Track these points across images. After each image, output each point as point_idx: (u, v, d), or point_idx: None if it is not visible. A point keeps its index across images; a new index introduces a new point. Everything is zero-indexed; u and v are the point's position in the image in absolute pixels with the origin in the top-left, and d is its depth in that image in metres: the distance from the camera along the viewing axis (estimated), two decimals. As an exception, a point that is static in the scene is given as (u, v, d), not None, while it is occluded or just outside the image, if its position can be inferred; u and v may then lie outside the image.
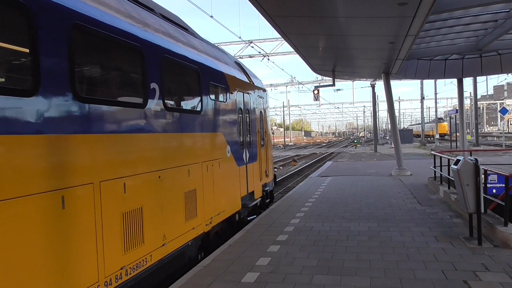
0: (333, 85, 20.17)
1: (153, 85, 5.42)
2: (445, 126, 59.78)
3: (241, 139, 9.09)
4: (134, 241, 4.87)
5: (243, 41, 32.42)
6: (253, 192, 9.91)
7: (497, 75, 53.26)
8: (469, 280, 4.95)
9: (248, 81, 10.10)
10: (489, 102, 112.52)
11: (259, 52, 34.54)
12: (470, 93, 55.25)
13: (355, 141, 56.12)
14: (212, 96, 7.50)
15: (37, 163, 3.56)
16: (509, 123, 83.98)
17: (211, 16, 21.32)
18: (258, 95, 10.80)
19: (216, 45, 9.50)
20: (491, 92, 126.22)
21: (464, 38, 14.15)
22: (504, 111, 36.47)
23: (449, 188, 10.42)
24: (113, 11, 4.84)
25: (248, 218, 9.67)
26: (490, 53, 16.58)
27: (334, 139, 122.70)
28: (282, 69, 63.02)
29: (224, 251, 6.63)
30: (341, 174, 18.01)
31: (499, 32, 12.35)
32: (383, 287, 4.86)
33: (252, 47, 33.42)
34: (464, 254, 5.99)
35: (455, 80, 21.57)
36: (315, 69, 17.57)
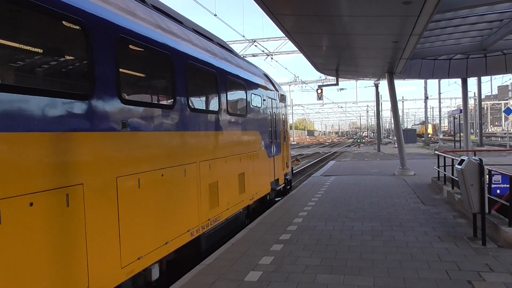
0: (337, 84, 20.09)
1: (222, 98, 7.68)
2: (423, 128, 69.32)
3: (270, 136, 11.22)
4: (214, 203, 7.10)
5: (247, 40, 32.35)
6: (278, 179, 12.13)
7: (501, 75, 53.10)
8: (473, 280, 4.93)
9: (274, 90, 12.16)
10: (494, 102, 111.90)
11: (263, 51, 34.48)
12: (474, 93, 55.13)
13: (358, 141, 56.04)
14: (252, 103, 9.67)
15: (169, 149, 5.64)
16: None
17: (215, 15, 21.28)
18: (281, 100, 13.08)
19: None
20: (495, 92, 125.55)
21: (469, 37, 14.09)
22: (508, 111, 36.19)
23: (452, 188, 10.38)
24: (200, 48, 6.98)
25: (276, 199, 11.94)
26: (495, 53, 16.51)
27: (337, 138, 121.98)
28: (286, 68, 63.23)
29: (227, 249, 6.63)
30: (344, 173, 17.97)
31: (504, 31, 12.30)
32: (387, 287, 4.85)
33: (256, 46, 33.36)
34: (468, 254, 5.96)
35: (459, 80, 21.50)
36: (319, 68, 17.54)
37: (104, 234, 4.21)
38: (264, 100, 10.69)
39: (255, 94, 9.88)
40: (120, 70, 4.61)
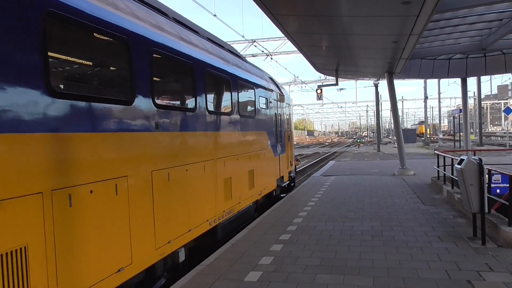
0: (336, 84, 20.10)
1: (234, 100, 8.46)
2: (423, 127, 71.53)
3: (276, 136, 11.98)
4: (228, 196, 7.85)
5: (246, 40, 32.32)
6: (283, 176, 12.94)
7: (501, 75, 53.07)
8: (473, 280, 4.94)
9: (279, 92, 12.96)
10: (493, 101, 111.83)
11: (262, 51, 34.46)
12: (474, 92, 55.14)
13: (358, 141, 56.05)
14: (260, 105, 10.47)
15: (192, 148, 6.42)
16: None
17: (215, 15, 21.25)
18: (286, 103, 13.95)
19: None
20: (495, 91, 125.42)
21: (468, 37, 14.10)
22: (508, 110, 36.20)
23: (452, 187, 10.38)
24: (215, 56, 7.75)
25: (281, 195, 12.73)
26: (494, 53, 16.51)
27: (337, 138, 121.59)
28: (285, 68, 63.07)
29: (227, 250, 6.63)
30: (344, 173, 17.98)
31: (504, 31, 12.31)
32: (386, 287, 4.85)
33: (255, 46, 33.34)
34: (468, 254, 5.97)
35: (459, 80, 21.51)
36: (318, 68, 17.56)
37: (142, 219, 4.97)
38: (270, 102, 11.52)
39: (262, 97, 10.74)
40: (154, 78, 5.32)
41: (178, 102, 6.82)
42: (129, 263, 4.60)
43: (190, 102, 6.62)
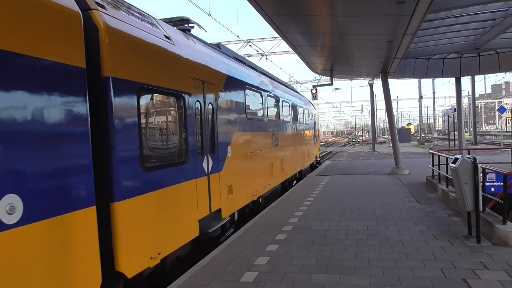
0: (331, 84, 20.15)
1: (305, 116, 18.58)
2: (410, 128, 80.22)
3: (315, 133, 21.82)
4: (304, 158, 17.94)
5: (241, 40, 32.29)
6: (317, 156, 23.14)
7: (495, 74, 53.39)
8: (468, 279, 4.95)
9: (315, 109, 22.91)
10: (487, 101, 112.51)
11: (257, 51, 34.42)
12: (468, 92, 55.35)
13: (353, 140, 56.16)
14: (310, 118, 20.10)
15: (298, 138, 17.00)
16: (507, 122, 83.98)
17: (209, 14, 21.19)
18: (317, 114, 23.59)
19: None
20: (489, 91, 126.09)
21: (462, 37, 14.16)
22: (502, 109, 36.49)
23: (447, 186, 10.42)
24: (295, 97, 17.34)
25: (317, 164, 23.22)
26: (488, 52, 16.59)
27: (332, 138, 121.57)
28: (280, 68, 63.14)
29: (222, 250, 6.61)
30: (339, 173, 18.01)
31: (497, 30, 12.37)
32: (382, 286, 4.86)
33: (250, 46, 33.30)
34: (463, 252, 5.99)
35: (453, 79, 21.58)
36: (313, 68, 17.57)
37: (283, 163, 13.50)
38: (311, 116, 20.73)
39: (310, 113, 20.15)
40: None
41: (301, 121, 16.86)
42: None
43: (301, 120, 16.78)
